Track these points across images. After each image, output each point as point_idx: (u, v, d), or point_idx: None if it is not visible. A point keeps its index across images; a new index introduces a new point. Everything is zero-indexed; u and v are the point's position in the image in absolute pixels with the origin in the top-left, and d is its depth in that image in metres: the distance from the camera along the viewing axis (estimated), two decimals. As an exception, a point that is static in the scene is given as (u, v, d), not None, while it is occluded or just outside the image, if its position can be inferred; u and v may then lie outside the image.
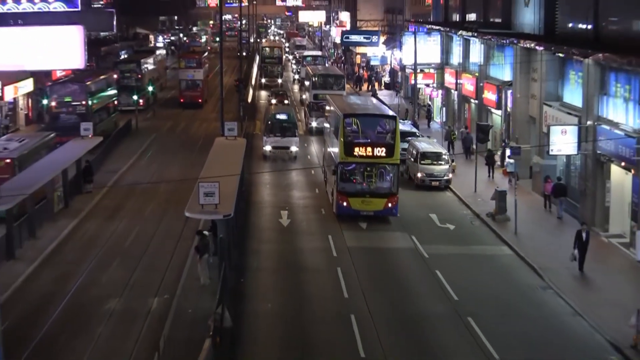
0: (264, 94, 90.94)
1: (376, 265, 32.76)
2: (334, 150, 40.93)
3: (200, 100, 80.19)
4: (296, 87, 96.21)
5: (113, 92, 66.87)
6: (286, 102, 75.87)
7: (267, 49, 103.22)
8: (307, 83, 74.74)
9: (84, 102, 57.83)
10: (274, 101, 74.17)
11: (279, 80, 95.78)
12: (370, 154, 37.95)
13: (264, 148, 53.34)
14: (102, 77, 65.54)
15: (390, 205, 37.92)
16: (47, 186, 38.09)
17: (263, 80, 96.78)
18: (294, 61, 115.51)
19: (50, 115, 58.47)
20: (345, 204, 38.03)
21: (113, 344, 25.35)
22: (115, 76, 70.25)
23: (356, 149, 37.97)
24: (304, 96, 79.18)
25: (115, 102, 67.18)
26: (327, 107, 49.47)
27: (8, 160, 40.03)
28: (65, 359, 24.23)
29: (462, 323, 26.63)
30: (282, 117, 54.25)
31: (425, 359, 24.35)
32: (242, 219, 37.13)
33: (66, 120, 55.85)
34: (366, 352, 24.63)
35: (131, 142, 59.58)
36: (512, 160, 42.03)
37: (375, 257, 33.83)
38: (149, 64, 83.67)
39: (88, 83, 59.78)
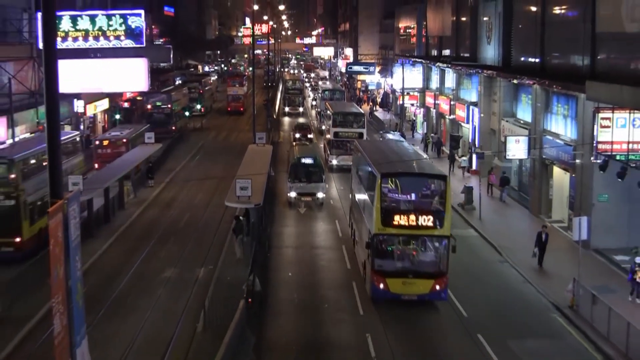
0: (287, 120, 78.85)
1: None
2: (362, 197, 28.78)
3: (242, 109, 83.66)
4: (314, 112, 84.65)
5: (186, 101, 73.78)
6: (310, 135, 59.48)
7: (289, 81, 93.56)
8: (326, 115, 58.83)
9: (169, 106, 64.55)
10: (297, 135, 58.73)
11: (300, 109, 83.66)
12: (414, 223, 24.23)
13: (288, 195, 39.72)
14: (179, 91, 73.55)
15: (438, 287, 24.35)
16: (119, 181, 38.27)
17: (286, 109, 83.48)
18: (310, 88, 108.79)
19: (146, 114, 64.62)
20: (382, 286, 24.44)
21: (169, 304, 25.43)
22: (185, 91, 76.82)
23: (396, 218, 24.30)
24: (323, 127, 63.74)
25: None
26: (356, 147, 35.48)
27: (125, 140, 47.46)
28: (132, 315, 24.27)
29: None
30: (308, 161, 40.07)
31: (409, 315, 24.33)
32: (269, 207, 37.10)
33: (157, 117, 62.39)
34: (364, 309, 24.71)
35: (184, 148, 59.64)
36: (465, 158, 47.07)
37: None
38: (206, 84, 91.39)
39: (172, 94, 68.14)
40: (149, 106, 64.72)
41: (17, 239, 28.95)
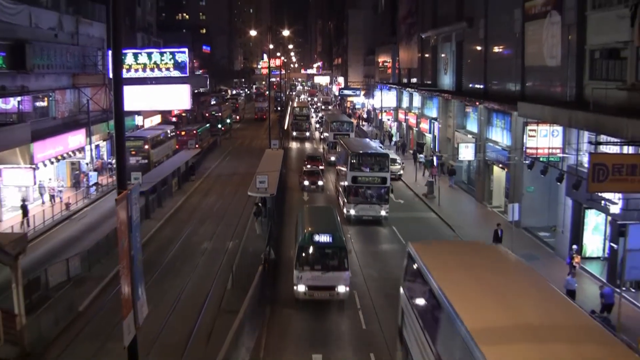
0: (294, 146, 64.55)
1: (359, 224, 32.46)
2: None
3: (264, 117, 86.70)
4: (317, 134, 73.69)
5: (229, 111, 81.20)
6: (321, 167, 44.51)
7: (297, 108, 76.51)
8: (342, 153, 37.39)
9: (220, 114, 72.40)
10: (309, 166, 43.61)
11: (307, 134, 70.08)
12: None
13: (296, 288, 20.45)
14: (225, 104, 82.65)
15: None
16: (169, 176, 38.33)
17: (294, 133, 69.46)
18: (313, 110, 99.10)
19: (205, 119, 71.10)
20: None
21: (206, 269, 25.53)
22: (228, 105, 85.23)
23: None
24: (332, 158, 48.16)
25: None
26: (410, 256, 14.56)
27: (194, 132, 54.97)
28: (177, 277, 24.39)
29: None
30: (324, 239, 20.62)
31: (385, 274, 24.30)
32: (281, 196, 37.07)
33: (212, 121, 69.46)
34: (352, 272, 24.64)
35: (217, 152, 59.60)
36: (421, 156, 47.79)
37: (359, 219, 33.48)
38: (240, 100, 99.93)
39: (221, 105, 78.71)
40: (207, 114, 72.20)
41: None
